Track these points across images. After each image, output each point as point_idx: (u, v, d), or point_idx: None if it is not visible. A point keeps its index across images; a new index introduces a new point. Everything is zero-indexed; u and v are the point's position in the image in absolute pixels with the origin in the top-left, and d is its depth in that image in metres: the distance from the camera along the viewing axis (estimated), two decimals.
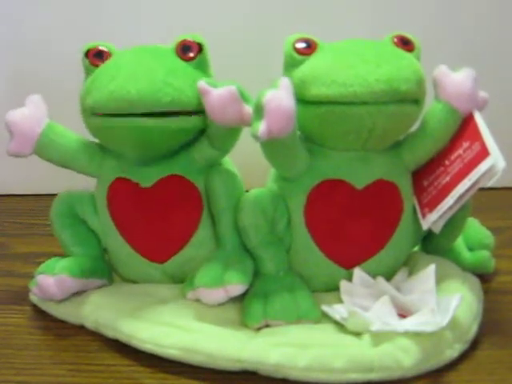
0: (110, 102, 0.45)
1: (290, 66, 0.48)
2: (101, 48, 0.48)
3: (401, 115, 0.45)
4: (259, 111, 0.42)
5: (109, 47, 0.49)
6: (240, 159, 0.53)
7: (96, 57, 0.48)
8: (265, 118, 0.41)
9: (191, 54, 0.48)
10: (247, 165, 0.54)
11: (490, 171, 0.44)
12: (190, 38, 0.49)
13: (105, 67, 0.47)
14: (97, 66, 0.48)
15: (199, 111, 0.47)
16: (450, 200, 0.46)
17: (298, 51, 0.47)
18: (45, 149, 0.50)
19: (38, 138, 0.49)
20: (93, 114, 0.47)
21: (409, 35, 0.48)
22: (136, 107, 0.45)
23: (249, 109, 0.45)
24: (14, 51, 0.70)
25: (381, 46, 0.46)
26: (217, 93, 0.45)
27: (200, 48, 0.49)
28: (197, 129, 0.48)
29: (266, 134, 0.42)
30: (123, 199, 0.51)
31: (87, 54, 0.48)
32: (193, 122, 0.47)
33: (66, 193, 0.52)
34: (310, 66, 0.46)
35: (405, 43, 0.47)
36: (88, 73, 0.48)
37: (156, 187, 0.50)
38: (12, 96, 0.69)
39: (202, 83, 0.45)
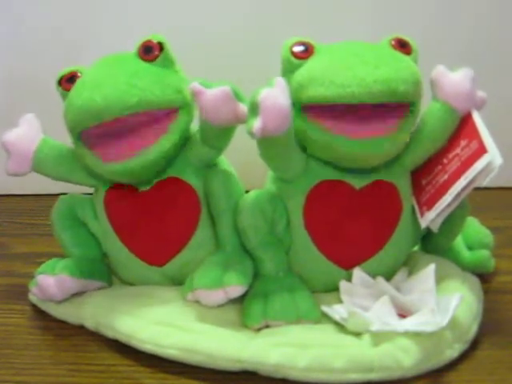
0: (80, 117, 0.46)
1: (287, 71, 0.47)
2: (72, 72, 0.49)
3: None
4: (254, 109, 0.42)
5: (79, 69, 0.49)
6: (239, 159, 0.53)
7: (68, 82, 0.48)
8: (260, 115, 0.41)
9: (154, 54, 0.48)
10: (246, 165, 0.54)
11: (487, 168, 0.44)
12: (150, 38, 0.49)
13: (74, 88, 0.47)
14: (69, 90, 0.48)
15: (177, 107, 0.47)
16: (447, 198, 0.46)
17: (296, 55, 0.47)
18: (42, 164, 0.50)
19: (33, 156, 0.49)
20: (75, 139, 0.47)
21: (406, 37, 0.48)
22: (104, 114, 0.45)
23: (243, 107, 0.45)
24: (13, 51, 0.69)
25: (379, 48, 0.46)
26: (210, 93, 0.45)
27: (161, 47, 0.49)
28: (182, 128, 0.48)
29: (260, 131, 0.42)
30: (121, 203, 0.51)
31: (60, 81, 0.49)
32: (170, 137, 0.47)
33: (67, 195, 0.53)
34: (307, 69, 0.46)
35: (402, 45, 0.47)
36: (64, 99, 0.49)
37: (153, 190, 0.50)
38: (11, 97, 0.69)
39: (195, 84, 0.45)
